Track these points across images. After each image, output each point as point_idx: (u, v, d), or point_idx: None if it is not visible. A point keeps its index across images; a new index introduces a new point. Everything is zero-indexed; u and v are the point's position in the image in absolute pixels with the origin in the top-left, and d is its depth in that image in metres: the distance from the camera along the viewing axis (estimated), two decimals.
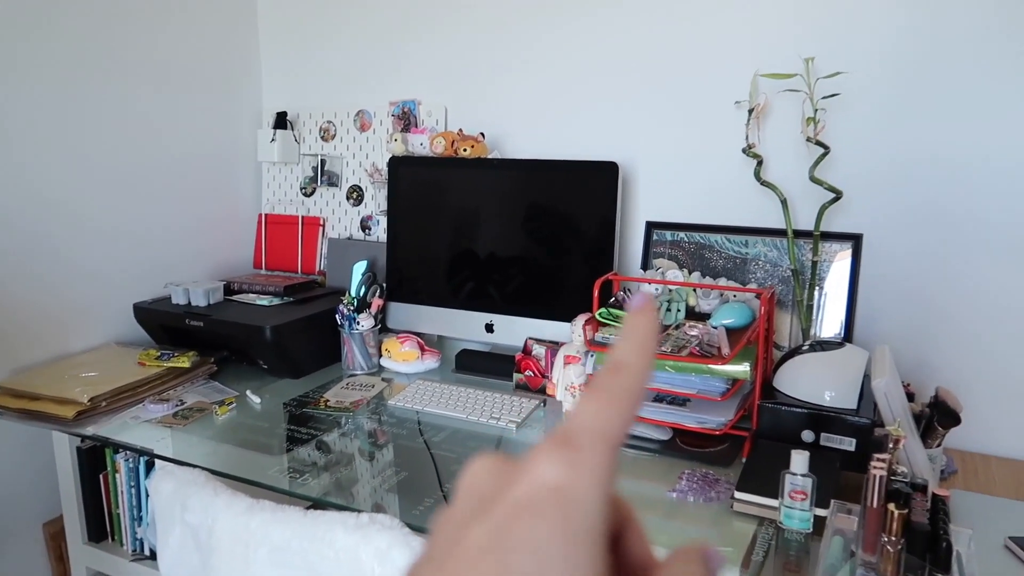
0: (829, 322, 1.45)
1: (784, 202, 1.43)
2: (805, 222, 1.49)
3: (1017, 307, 1.36)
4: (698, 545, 0.27)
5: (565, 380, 1.46)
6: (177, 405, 1.50)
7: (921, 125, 1.40)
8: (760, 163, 1.45)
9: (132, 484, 1.55)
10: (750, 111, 1.44)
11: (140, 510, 1.54)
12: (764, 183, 1.44)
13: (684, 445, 1.31)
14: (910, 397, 1.26)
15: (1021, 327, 1.36)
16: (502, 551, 0.22)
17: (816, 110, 1.36)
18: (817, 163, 1.38)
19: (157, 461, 1.30)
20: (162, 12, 1.86)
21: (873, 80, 1.43)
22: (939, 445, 1.18)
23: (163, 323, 1.74)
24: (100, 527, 1.59)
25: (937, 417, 1.16)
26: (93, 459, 1.57)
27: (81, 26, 1.68)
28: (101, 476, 1.58)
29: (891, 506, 0.87)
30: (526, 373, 1.61)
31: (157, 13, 1.85)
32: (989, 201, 1.36)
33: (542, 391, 1.58)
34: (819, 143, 1.36)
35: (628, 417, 0.25)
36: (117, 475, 1.56)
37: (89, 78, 1.71)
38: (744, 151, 1.45)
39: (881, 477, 0.88)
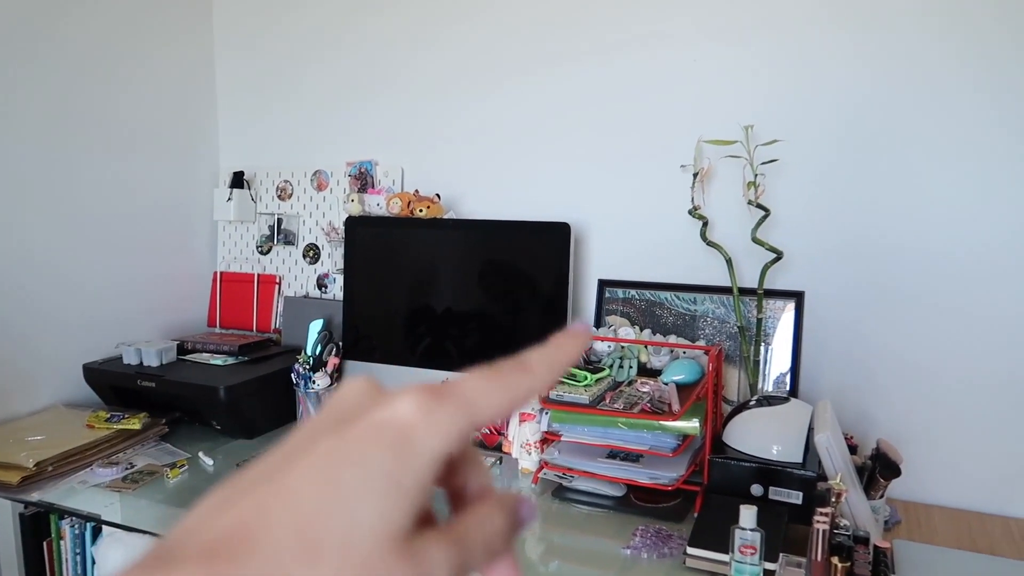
0: (775, 376, 1.50)
1: (729, 261, 1.49)
2: (750, 280, 1.55)
3: (951, 360, 1.43)
4: (515, 496, 0.29)
5: (521, 437, 1.47)
6: (127, 468, 1.47)
7: (855, 190, 1.48)
8: (705, 224, 1.51)
9: (77, 551, 1.50)
10: (695, 175, 1.50)
11: None
12: (710, 243, 1.50)
13: (638, 501, 1.33)
14: (852, 449, 1.31)
15: (956, 380, 1.43)
16: (336, 464, 0.24)
17: (756, 175, 1.43)
18: (759, 225, 1.44)
19: (104, 527, 1.27)
20: (120, 72, 1.88)
21: (812, 147, 1.51)
22: (882, 496, 1.22)
23: (114, 384, 1.71)
24: None
25: (879, 469, 1.21)
26: (36, 525, 1.52)
27: (35, 83, 1.68)
28: (44, 543, 1.53)
29: (834, 559, 0.90)
30: (481, 431, 1.62)
31: (114, 73, 1.86)
32: (921, 261, 1.44)
33: (498, 448, 1.59)
34: (760, 206, 1.43)
35: (503, 409, 0.27)
36: (62, 542, 1.51)
37: (40, 135, 1.71)
38: (690, 212, 1.51)
39: (824, 531, 0.91)
